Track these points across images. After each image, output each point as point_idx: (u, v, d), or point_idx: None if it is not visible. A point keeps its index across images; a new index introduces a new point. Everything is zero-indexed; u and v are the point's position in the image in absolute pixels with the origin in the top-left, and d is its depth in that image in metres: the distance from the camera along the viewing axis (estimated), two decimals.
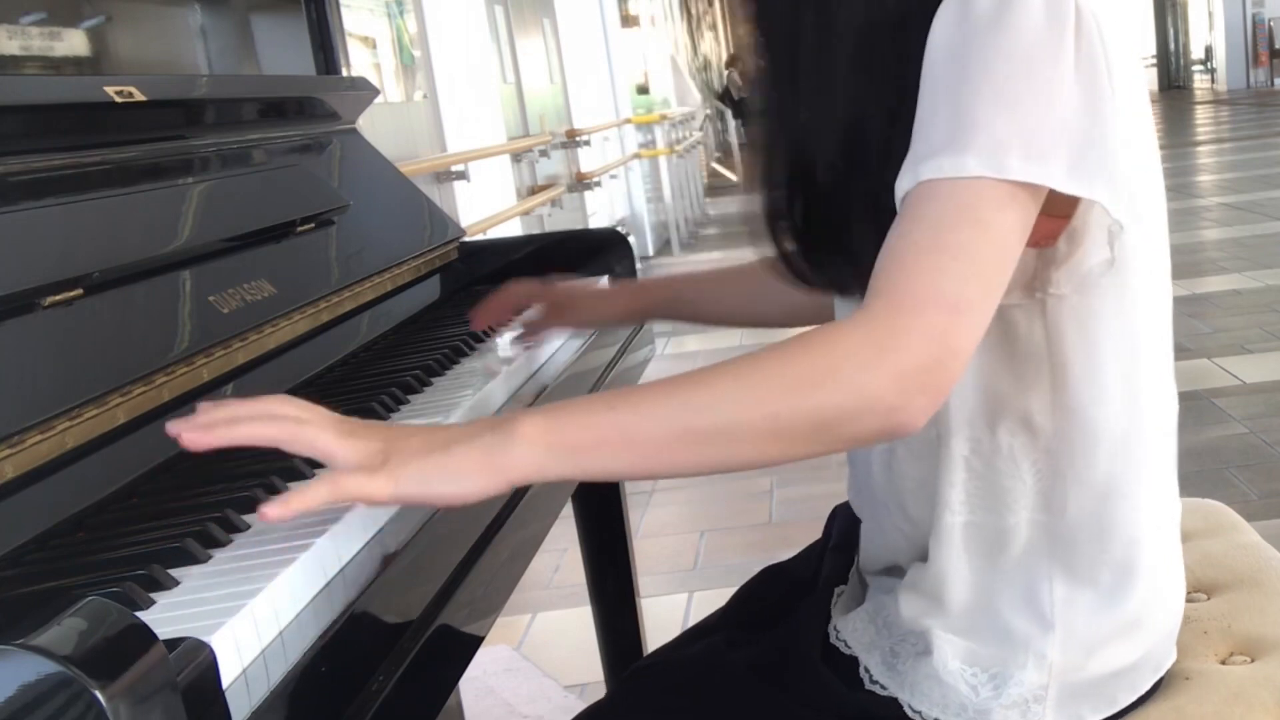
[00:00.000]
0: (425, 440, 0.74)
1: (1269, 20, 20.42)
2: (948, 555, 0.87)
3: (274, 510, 0.70)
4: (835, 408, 0.71)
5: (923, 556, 0.91)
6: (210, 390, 1.01)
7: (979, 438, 0.86)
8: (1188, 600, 1.01)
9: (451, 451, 0.74)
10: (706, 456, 0.74)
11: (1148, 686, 0.89)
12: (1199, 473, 2.88)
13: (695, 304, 1.28)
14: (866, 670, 0.89)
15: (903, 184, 0.75)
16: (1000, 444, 0.85)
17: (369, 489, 0.72)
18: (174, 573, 0.71)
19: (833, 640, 0.93)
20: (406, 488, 0.73)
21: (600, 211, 7.51)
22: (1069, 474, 0.85)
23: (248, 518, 0.80)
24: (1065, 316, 0.82)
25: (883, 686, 0.88)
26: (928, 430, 0.86)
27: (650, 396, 0.75)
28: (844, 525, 1.06)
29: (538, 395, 1.18)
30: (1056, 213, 0.78)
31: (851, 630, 0.92)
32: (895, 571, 0.95)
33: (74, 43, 1.24)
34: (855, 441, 0.76)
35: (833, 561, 1.04)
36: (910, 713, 0.86)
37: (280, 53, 1.64)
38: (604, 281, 1.54)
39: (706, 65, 20.61)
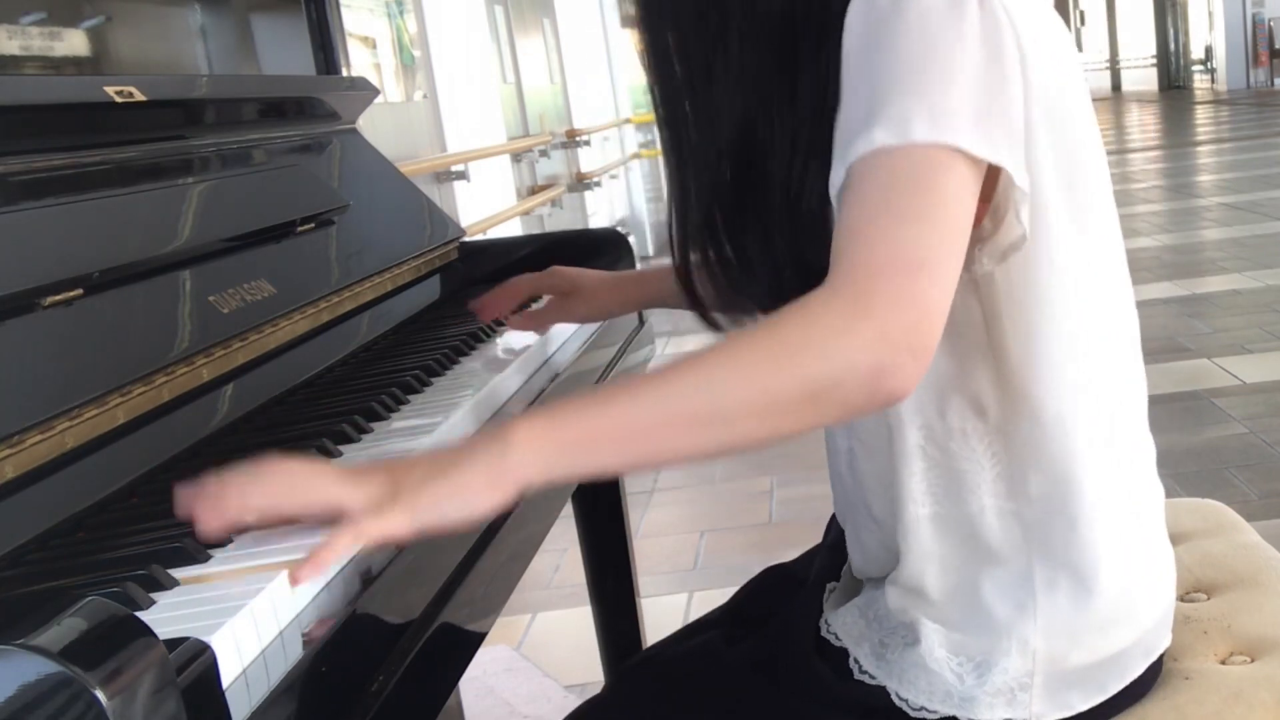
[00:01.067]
0: (428, 467, 0.75)
1: (1269, 20, 20.43)
2: (919, 548, 0.88)
3: (306, 571, 0.70)
4: (822, 375, 0.71)
5: (897, 557, 0.91)
6: (210, 390, 1.01)
7: (931, 424, 0.86)
8: (1188, 600, 1.02)
9: (456, 473, 0.74)
10: (705, 439, 0.74)
11: (1139, 672, 0.89)
12: (1199, 473, 2.88)
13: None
14: (856, 661, 0.90)
15: (836, 175, 0.77)
16: (952, 428, 0.86)
17: (388, 527, 0.73)
18: (174, 573, 0.71)
19: (824, 633, 0.93)
20: (422, 517, 0.73)
21: (600, 211, 7.52)
22: (1025, 455, 0.85)
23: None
24: (998, 294, 0.83)
25: (871, 676, 0.89)
26: (879, 424, 0.88)
27: (643, 386, 0.75)
28: (840, 526, 1.07)
29: (538, 396, 1.18)
30: (980, 196, 0.79)
31: (842, 623, 0.93)
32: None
33: (74, 43, 1.24)
34: (851, 408, 0.74)
35: (826, 559, 1.05)
36: (898, 701, 0.87)
37: (280, 53, 1.64)
38: None
39: None
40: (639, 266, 1.65)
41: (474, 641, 0.90)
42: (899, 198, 0.74)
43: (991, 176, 0.78)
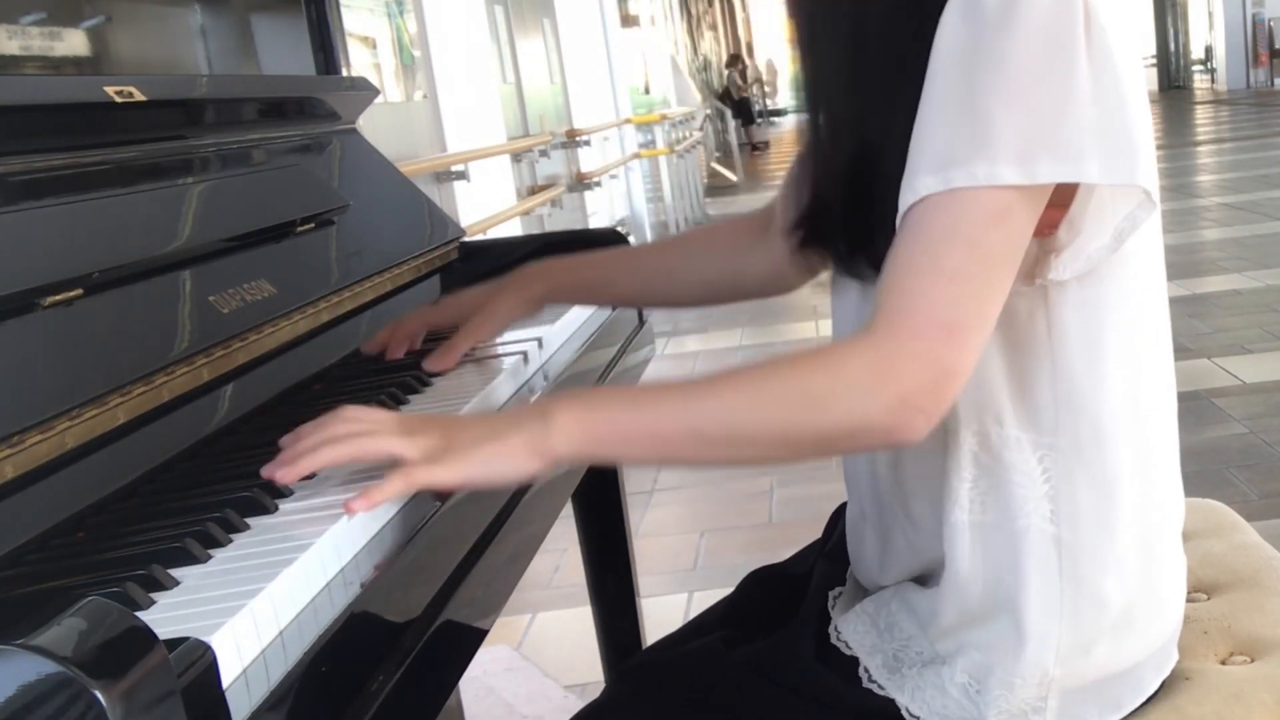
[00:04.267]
0: (479, 429, 0.82)
1: (1269, 20, 20.42)
2: (961, 555, 0.86)
3: (359, 504, 0.76)
4: (837, 426, 0.77)
5: (924, 567, 0.91)
6: (210, 390, 1.01)
7: (987, 431, 0.85)
8: (1188, 600, 1.01)
9: (505, 437, 0.81)
10: (718, 456, 0.82)
11: (1153, 689, 0.88)
12: (1199, 473, 2.88)
13: (604, 286, 1.24)
14: (866, 670, 0.89)
15: (927, 184, 0.75)
16: (1008, 437, 0.85)
17: (438, 477, 0.80)
18: (174, 573, 0.71)
19: (833, 641, 0.93)
20: (471, 472, 0.80)
21: (600, 211, 7.52)
22: (1076, 471, 0.84)
23: (248, 518, 0.80)
24: (1067, 305, 0.82)
25: (880, 687, 0.88)
26: None
27: (671, 399, 0.81)
28: (843, 529, 1.06)
29: (536, 397, 1.18)
30: (1055, 203, 0.78)
31: (853, 632, 0.92)
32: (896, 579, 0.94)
33: (74, 43, 1.24)
34: (855, 452, 0.84)
35: (827, 566, 1.04)
36: (907, 716, 0.86)
37: (280, 53, 1.64)
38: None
39: (706, 65, 20.62)
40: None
41: (474, 641, 0.90)
42: (950, 254, 0.75)
43: (1068, 186, 0.77)
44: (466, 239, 1.65)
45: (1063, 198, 0.78)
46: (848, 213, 0.87)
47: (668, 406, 0.80)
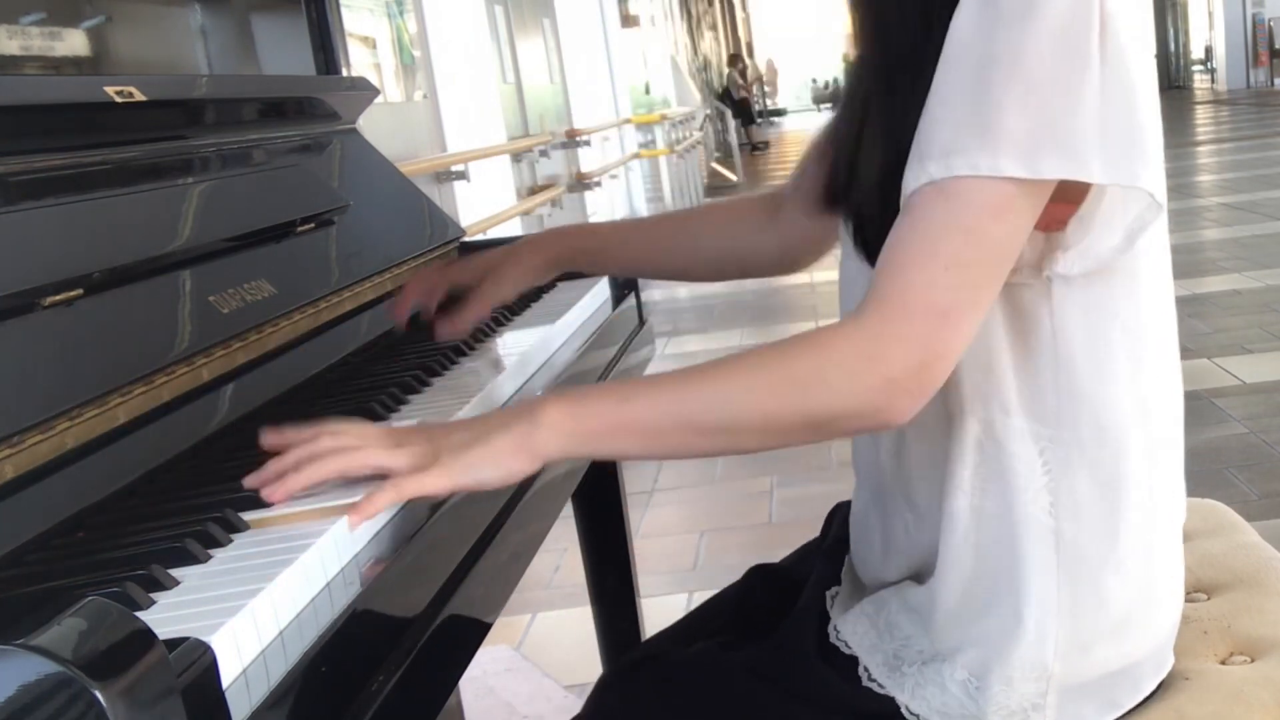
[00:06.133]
0: (465, 433, 0.82)
1: (1269, 20, 20.41)
2: (956, 543, 0.86)
3: (354, 517, 0.76)
4: (825, 410, 0.78)
5: (923, 559, 0.91)
6: (210, 390, 1.01)
7: (992, 419, 0.85)
8: (1188, 600, 1.01)
9: (491, 440, 0.81)
10: (709, 445, 0.83)
11: (1151, 688, 0.88)
12: (1199, 473, 2.88)
13: (611, 253, 1.26)
14: (866, 669, 0.89)
15: (930, 171, 0.76)
16: (1013, 426, 0.85)
17: (427, 485, 0.80)
18: (174, 573, 0.71)
19: (832, 640, 0.93)
20: (459, 477, 0.80)
21: (600, 211, 7.52)
22: (1079, 466, 0.84)
23: (247, 517, 0.80)
24: (1071, 300, 0.83)
25: (881, 686, 0.88)
26: (938, 409, 0.87)
27: (659, 391, 0.82)
28: (841, 527, 1.06)
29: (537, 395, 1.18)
30: (1067, 199, 0.78)
31: (852, 631, 0.92)
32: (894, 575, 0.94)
33: (74, 43, 1.24)
34: (844, 434, 0.84)
35: (824, 565, 1.04)
36: (907, 714, 0.86)
37: (280, 53, 1.64)
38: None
39: (706, 65, 20.64)
40: None
41: (474, 641, 0.90)
42: (950, 241, 0.75)
43: (1079, 184, 0.78)
44: (466, 239, 1.65)
45: (1074, 195, 0.78)
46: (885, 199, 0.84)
47: (659, 398, 0.81)
